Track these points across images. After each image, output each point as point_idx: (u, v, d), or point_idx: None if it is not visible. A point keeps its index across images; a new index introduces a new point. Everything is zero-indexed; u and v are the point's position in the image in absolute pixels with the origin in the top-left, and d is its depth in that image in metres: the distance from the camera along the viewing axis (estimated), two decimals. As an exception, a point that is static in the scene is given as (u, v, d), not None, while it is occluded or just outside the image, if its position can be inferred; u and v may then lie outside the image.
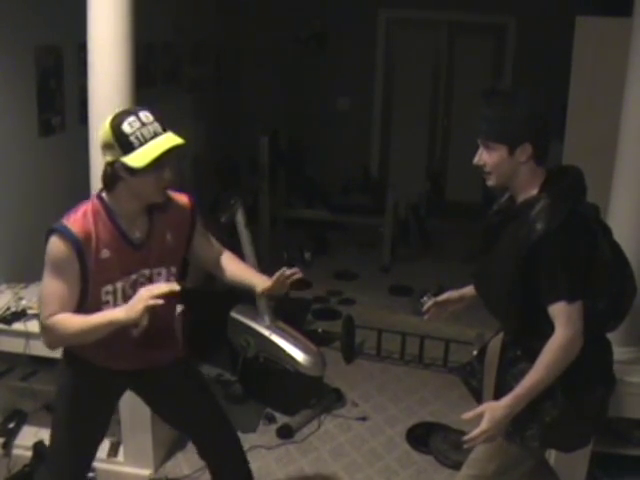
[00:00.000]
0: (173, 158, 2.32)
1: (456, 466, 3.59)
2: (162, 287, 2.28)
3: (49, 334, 2.36)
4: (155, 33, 5.78)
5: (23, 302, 3.52)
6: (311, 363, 4.14)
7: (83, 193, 3.37)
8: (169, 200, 2.50)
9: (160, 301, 2.23)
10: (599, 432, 2.54)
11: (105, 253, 2.35)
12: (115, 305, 2.40)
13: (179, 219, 2.56)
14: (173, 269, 2.55)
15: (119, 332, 2.38)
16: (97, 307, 2.38)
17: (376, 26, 8.23)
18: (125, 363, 2.59)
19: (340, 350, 4.84)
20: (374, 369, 4.87)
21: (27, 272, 3.92)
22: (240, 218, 4.16)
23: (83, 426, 2.66)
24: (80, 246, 2.29)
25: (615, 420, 3.20)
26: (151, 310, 2.23)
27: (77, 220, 2.33)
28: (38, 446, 3.50)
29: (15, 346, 3.40)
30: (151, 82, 5.90)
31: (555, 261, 2.25)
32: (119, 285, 2.41)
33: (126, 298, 2.39)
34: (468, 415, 2.32)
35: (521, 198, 2.38)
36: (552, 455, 3.24)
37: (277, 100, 8.13)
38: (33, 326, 3.37)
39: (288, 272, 2.54)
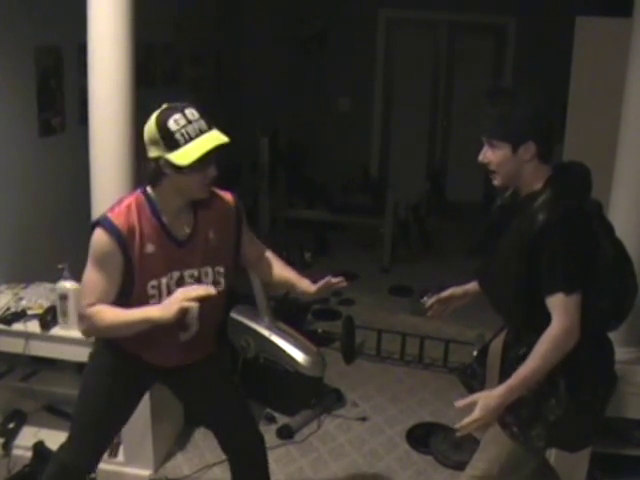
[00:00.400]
0: (217, 156, 2.33)
1: (456, 466, 3.60)
2: (198, 289, 2.30)
3: (85, 323, 2.39)
4: (155, 33, 5.78)
5: (23, 302, 3.52)
6: (311, 363, 4.14)
7: (83, 193, 3.39)
8: (213, 197, 2.51)
9: (195, 304, 2.24)
10: (598, 431, 2.53)
11: (149, 248, 2.37)
12: (160, 301, 2.40)
13: (224, 216, 2.56)
14: (219, 269, 2.52)
15: (167, 334, 2.42)
16: (144, 301, 2.38)
17: (376, 26, 8.23)
18: (166, 361, 2.60)
19: (340, 350, 4.84)
20: (374, 369, 4.87)
21: (27, 272, 3.93)
22: (240, 218, 4.16)
23: (110, 410, 2.66)
24: (123, 239, 2.31)
25: (615, 420, 3.19)
26: (185, 312, 2.26)
27: (121, 213, 2.35)
28: (38, 446, 3.49)
29: (15, 346, 3.39)
30: (151, 82, 5.90)
31: (554, 252, 2.25)
32: (164, 281, 2.41)
33: (170, 295, 2.39)
34: (460, 403, 2.33)
35: (525, 193, 2.38)
36: (552, 455, 3.24)
37: (277, 100, 8.12)
38: (33, 326, 3.38)
39: (334, 280, 2.74)
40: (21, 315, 3.43)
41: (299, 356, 4.13)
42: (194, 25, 6.90)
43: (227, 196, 2.61)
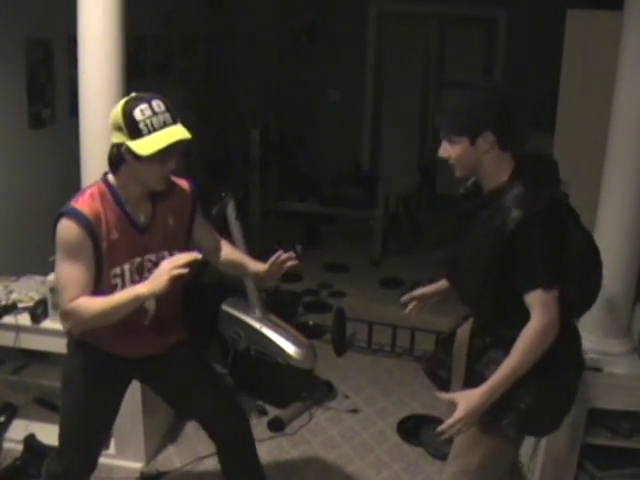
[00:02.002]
0: (179, 150, 2.37)
1: (447, 458, 3.61)
2: (184, 256, 2.32)
3: (71, 318, 2.37)
4: (145, 25, 5.76)
5: (13, 295, 3.51)
6: (302, 356, 4.14)
7: (74, 185, 3.37)
8: (171, 186, 2.54)
9: (184, 270, 2.27)
10: (567, 415, 2.54)
11: (114, 234, 2.38)
12: (123, 288, 2.42)
13: (180, 204, 2.60)
14: (175, 252, 2.54)
15: (132, 320, 2.42)
16: (108, 290, 2.39)
17: (367, 18, 8.22)
18: (137, 350, 2.61)
19: (331, 343, 4.84)
20: (365, 361, 4.88)
21: (17, 265, 3.92)
22: (231, 211, 4.16)
23: (94, 412, 2.67)
24: (92, 227, 2.32)
25: (604, 412, 3.21)
26: (172, 283, 2.26)
27: (85, 202, 2.35)
28: (29, 439, 3.49)
29: (5, 339, 3.39)
30: (141, 74, 5.89)
31: (533, 250, 2.25)
32: (126, 267, 2.44)
33: (133, 282, 2.43)
34: (443, 396, 2.36)
35: (491, 185, 2.36)
36: (542, 446, 3.26)
37: (268, 93, 8.11)
38: (23, 319, 3.37)
39: (284, 256, 2.66)
40: (11, 308, 3.42)
41: (290, 348, 4.13)
42: (184, 17, 6.88)
43: (184, 184, 2.64)
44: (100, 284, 2.39)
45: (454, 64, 8.28)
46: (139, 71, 5.80)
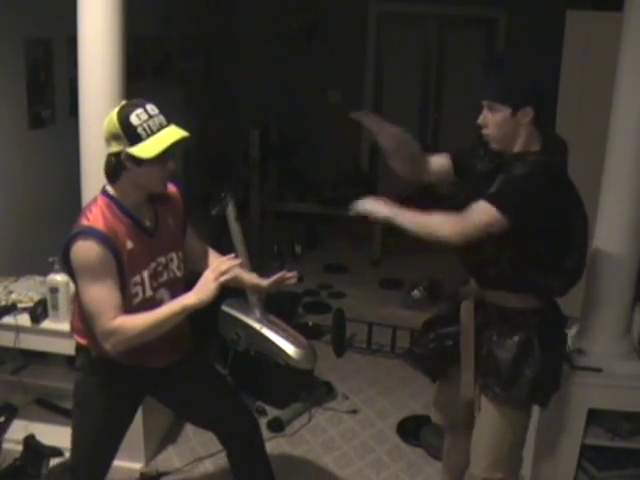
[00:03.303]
0: (176, 151, 2.38)
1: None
2: (227, 262, 2.35)
3: (113, 338, 2.32)
4: (145, 26, 5.75)
5: (13, 296, 3.51)
6: (302, 356, 4.14)
7: (74, 185, 3.38)
8: (168, 190, 2.56)
9: (230, 275, 2.32)
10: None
11: (129, 244, 2.38)
12: (144, 296, 2.43)
13: (175, 207, 2.62)
14: (180, 253, 2.59)
15: None
16: (128, 300, 2.39)
17: (367, 20, 8.21)
18: (158, 359, 2.59)
19: (330, 343, 4.84)
20: (364, 362, 4.88)
21: (17, 265, 3.91)
22: (231, 211, 4.16)
23: (110, 430, 2.68)
24: (111, 242, 2.31)
25: (604, 412, 3.21)
26: (220, 290, 2.31)
27: (97, 218, 2.34)
28: (29, 440, 3.49)
29: (5, 340, 3.38)
30: (141, 75, 5.88)
31: (514, 183, 2.39)
32: (145, 274, 2.44)
33: (152, 287, 2.45)
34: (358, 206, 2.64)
35: (517, 150, 2.48)
36: (543, 446, 3.27)
37: (268, 93, 8.10)
38: (23, 320, 3.37)
39: (289, 275, 2.69)
40: (11, 308, 3.42)
41: (290, 349, 4.13)
42: (184, 17, 6.87)
43: (172, 188, 2.64)
44: (123, 295, 2.37)
45: (454, 64, 8.28)
46: (139, 72, 5.79)
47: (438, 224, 2.44)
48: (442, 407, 2.95)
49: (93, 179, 3.26)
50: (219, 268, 2.32)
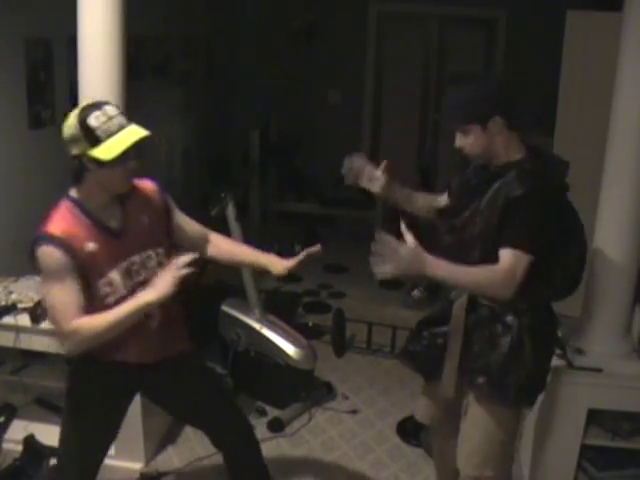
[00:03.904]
0: (136, 149, 2.37)
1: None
2: (184, 257, 2.35)
3: (72, 339, 2.34)
4: (145, 26, 5.75)
5: (13, 296, 3.51)
6: (302, 356, 4.14)
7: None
8: (134, 187, 2.55)
9: (187, 270, 2.32)
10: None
11: (91, 247, 2.38)
12: (116, 296, 2.43)
13: (150, 203, 2.60)
14: (160, 250, 2.57)
15: (138, 326, 2.44)
16: (99, 300, 2.40)
17: (367, 19, 8.22)
18: (145, 355, 2.60)
19: (330, 343, 4.84)
20: (364, 362, 4.88)
21: (17, 265, 3.91)
22: (231, 211, 4.15)
23: (97, 432, 2.68)
24: (67, 246, 2.31)
25: (604, 413, 3.21)
26: (178, 285, 2.31)
27: (55, 223, 2.36)
28: (28, 440, 3.49)
29: (5, 340, 3.39)
30: (141, 75, 5.88)
31: (526, 217, 2.38)
32: (113, 275, 2.43)
33: (126, 287, 2.44)
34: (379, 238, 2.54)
35: (502, 161, 2.50)
36: (543, 446, 3.26)
37: (268, 93, 8.11)
38: (23, 320, 3.37)
39: (313, 250, 2.73)
40: (11, 308, 3.42)
41: (290, 349, 4.13)
42: (184, 17, 6.87)
43: (148, 184, 2.65)
44: (91, 296, 2.38)
45: (454, 64, 8.27)
46: (139, 72, 5.79)
47: (485, 284, 2.42)
48: (427, 405, 2.95)
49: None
50: (177, 264, 2.33)
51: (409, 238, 2.44)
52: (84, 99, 3.21)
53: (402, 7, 8.10)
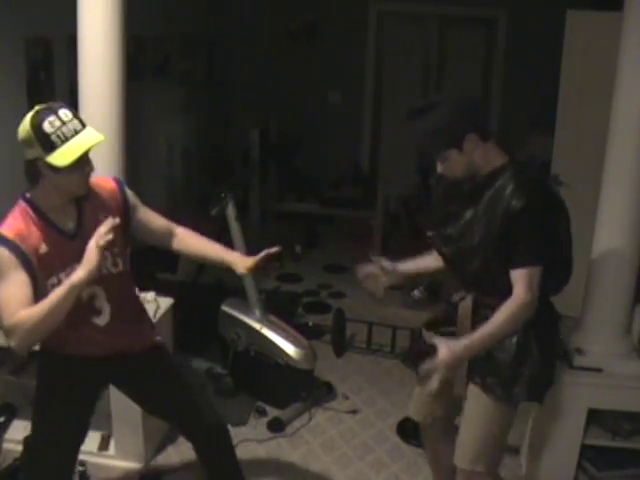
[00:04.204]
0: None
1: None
2: (104, 225, 2.32)
3: (15, 334, 2.31)
4: (145, 26, 5.75)
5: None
6: (302, 356, 4.14)
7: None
8: (94, 187, 2.55)
9: (110, 236, 2.29)
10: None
11: (43, 248, 2.38)
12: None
13: (109, 203, 2.58)
14: (115, 250, 2.57)
15: (85, 322, 2.50)
16: None
17: (367, 19, 8.22)
18: (97, 350, 2.61)
19: (330, 343, 4.84)
20: (365, 362, 4.88)
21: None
22: (230, 211, 4.15)
23: (65, 422, 2.67)
24: (17, 247, 2.31)
25: (604, 413, 3.21)
26: (102, 255, 2.31)
27: (8, 225, 2.36)
28: (28, 440, 3.48)
29: (4, 340, 3.38)
30: (141, 75, 5.88)
31: (530, 231, 2.42)
32: (62, 275, 2.42)
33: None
34: (426, 367, 2.48)
35: (486, 170, 2.52)
36: (543, 446, 3.26)
37: (268, 94, 8.11)
38: (23, 320, 3.36)
39: (272, 251, 2.70)
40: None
41: (290, 349, 4.13)
42: (184, 17, 6.87)
43: (109, 183, 2.65)
44: (39, 296, 2.36)
45: (454, 64, 8.28)
46: (139, 72, 5.79)
47: (516, 317, 2.46)
48: (423, 404, 2.97)
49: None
50: (98, 233, 2.31)
51: (442, 348, 2.44)
52: (84, 99, 3.23)
53: (402, 7, 8.10)
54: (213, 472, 3.02)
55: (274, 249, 2.70)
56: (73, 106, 2.45)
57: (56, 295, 2.28)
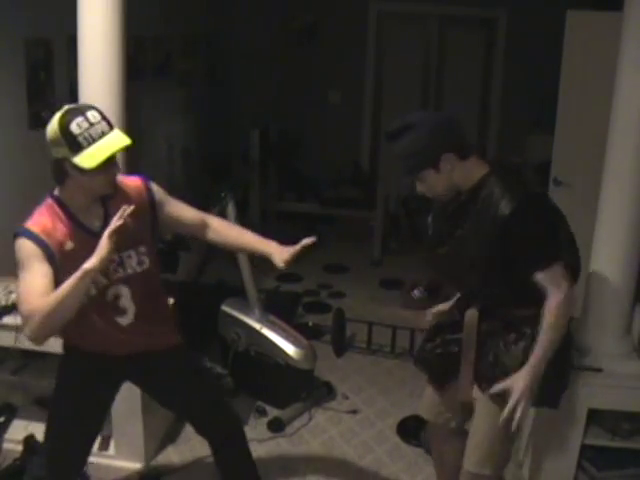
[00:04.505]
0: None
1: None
2: (118, 214, 2.34)
3: (30, 322, 2.32)
4: (145, 26, 5.75)
5: (13, 296, 3.50)
6: (302, 356, 4.14)
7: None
8: (119, 186, 2.56)
9: (120, 222, 2.31)
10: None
11: (68, 245, 2.41)
12: (89, 294, 2.45)
13: (135, 201, 2.57)
14: (142, 249, 2.59)
15: (108, 321, 2.53)
16: None
17: (367, 19, 8.21)
18: (118, 349, 2.63)
19: (330, 343, 4.84)
20: (365, 362, 4.88)
21: (17, 266, 3.90)
22: (231, 211, 4.15)
23: (81, 419, 2.70)
24: (42, 242, 2.36)
25: (604, 412, 3.21)
26: (115, 242, 2.32)
27: (34, 221, 2.41)
28: (29, 440, 3.49)
29: (5, 340, 3.39)
30: (141, 75, 5.88)
31: (530, 234, 2.41)
32: None
33: (98, 286, 2.48)
34: (497, 387, 2.48)
35: (469, 185, 2.51)
36: (543, 446, 3.26)
37: (268, 93, 8.11)
38: (23, 320, 3.37)
39: (309, 241, 2.72)
40: (11, 308, 3.42)
41: (290, 349, 4.13)
42: (184, 17, 6.87)
43: (135, 181, 2.65)
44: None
45: (454, 64, 8.28)
46: (139, 72, 5.79)
47: (562, 318, 2.46)
48: (432, 404, 2.97)
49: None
50: (110, 228, 2.33)
51: (516, 387, 2.45)
52: (84, 99, 3.23)
53: (402, 7, 8.10)
54: (230, 472, 3.01)
55: (310, 239, 2.71)
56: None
57: (68, 283, 2.30)
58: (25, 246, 2.36)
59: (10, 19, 4.04)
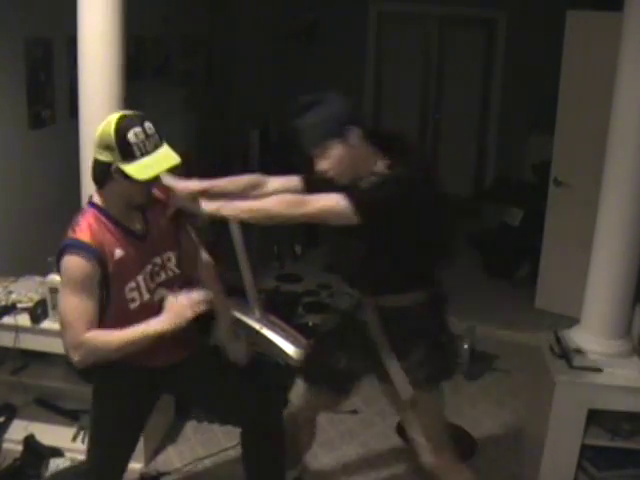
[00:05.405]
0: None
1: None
2: (201, 294, 2.41)
3: (84, 350, 2.33)
4: (145, 26, 5.75)
5: (13, 296, 3.51)
6: (302, 356, 4.13)
7: (73, 185, 3.38)
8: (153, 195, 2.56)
9: (203, 307, 2.38)
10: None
11: (118, 253, 2.39)
12: (141, 300, 2.46)
13: (164, 208, 2.61)
14: (177, 252, 2.62)
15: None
16: (124, 306, 2.43)
17: (367, 20, 8.22)
18: (159, 360, 2.61)
19: (331, 343, 4.83)
20: (365, 362, 4.87)
21: (16, 265, 3.92)
22: (231, 211, 4.15)
23: (124, 439, 2.71)
24: (99, 255, 2.33)
25: (604, 413, 3.21)
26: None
27: (84, 231, 2.35)
28: (29, 440, 3.49)
29: (5, 340, 3.39)
30: (141, 75, 5.88)
31: (364, 189, 2.43)
32: (140, 278, 2.46)
33: (149, 289, 2.48)
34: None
35: (366, 174, 2.50)
36: (543, 446, 3.27)
37: (268, 94, 8.11)
38: (23, 320, 3.37)
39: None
40: (11, 308, 3.42)
41: (290, 349, 4.12)
42: (184, 18, 6.88)
43: (165, 191, 2.65)
44: (110, 304, 2.40)
45: (454, 64, 8.28)
46: (139, 72, 5.79)
47: (272, 204, 2.54)
48: (316, 397, 3.20)
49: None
50: (194, 298, 2.37)
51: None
52: (84, 99, 3.23)
53: (402, 7, 8.10)
54: (263, 461, 2.93)
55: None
56: (73, 106, 2.45)
57: (139, 333, 2.34)
58: (80, 265, 2.31)
59: (10, 19, 4.05)
